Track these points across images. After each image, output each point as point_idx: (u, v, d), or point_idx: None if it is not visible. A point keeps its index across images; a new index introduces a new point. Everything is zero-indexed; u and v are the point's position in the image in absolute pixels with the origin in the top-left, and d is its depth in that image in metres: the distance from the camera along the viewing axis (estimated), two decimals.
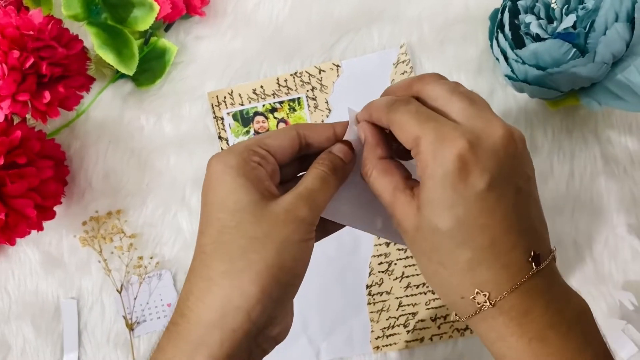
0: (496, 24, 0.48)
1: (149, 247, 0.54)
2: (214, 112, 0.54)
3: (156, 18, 0.51)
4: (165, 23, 0.55)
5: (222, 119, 0.54)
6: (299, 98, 0.54)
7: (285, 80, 0.54)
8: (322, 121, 0.53)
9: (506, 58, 0.47)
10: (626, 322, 0.49)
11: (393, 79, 0.53)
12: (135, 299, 0.54)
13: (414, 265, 0.52)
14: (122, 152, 0.55)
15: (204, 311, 0.29)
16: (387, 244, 0.52)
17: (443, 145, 0.28)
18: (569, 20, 0.43)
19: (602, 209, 0.51)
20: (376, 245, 0.52)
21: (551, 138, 0.52)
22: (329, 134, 0.35)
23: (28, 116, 0.47)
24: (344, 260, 0.53)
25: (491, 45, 0.49)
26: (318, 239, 0.36)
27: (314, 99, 0.53)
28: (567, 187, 0.51)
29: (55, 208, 0.50)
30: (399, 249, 0.52)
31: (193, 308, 0.30)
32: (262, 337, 0.32)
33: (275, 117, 0.54)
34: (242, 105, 0.54)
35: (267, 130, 0.54)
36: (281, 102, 0.54)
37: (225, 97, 0.54)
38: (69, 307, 0.54)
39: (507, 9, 0.46)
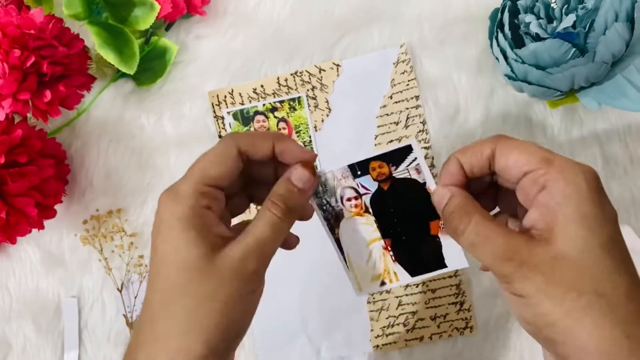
0: (496, 24, 0.48)
1: (149, 245, 0.54)
2: (214, 112, 0.54)
3: (157, 17, 0.51)
4: (166, 22, 0.55)
5: (223, 118, 0.54)
6: (299, 97, 0.54)
7: (286, 80, 0.54)
8: (322, 120, 0.53)
9: (506, 58, 0.47)
10: None
11: (393, 79, 0.53)
12: (135, 297, 0.54)
13: None
14: (122, 151, 0.55)
15: None
16: None
17: (580, 166, 0.28)
18: (568, 20, 0.43)
19: None
20: None
21: (551, 138, 0.52)
22: (268, 151, 0.33)
23: (29, 115, 0.47)
24: None
25: (491, 45, 0.49)
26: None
27: (314, 99, 0.54)
28: None
29: (56, 207, 0.50)
30: None
31: None
32: None
33: (275, 117, 0.54)
34: (242, 104, 0.54)
35: (268, 130, 0.54)
36: (281, 102, 0.54)
37: (225, 97, 0.54)
38: (70, 306, 0.54)
39: (507, 9, 0.46)
